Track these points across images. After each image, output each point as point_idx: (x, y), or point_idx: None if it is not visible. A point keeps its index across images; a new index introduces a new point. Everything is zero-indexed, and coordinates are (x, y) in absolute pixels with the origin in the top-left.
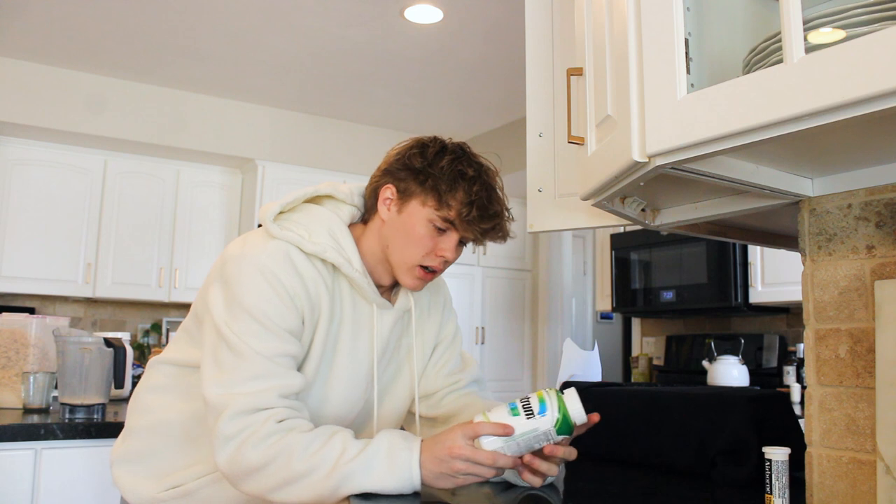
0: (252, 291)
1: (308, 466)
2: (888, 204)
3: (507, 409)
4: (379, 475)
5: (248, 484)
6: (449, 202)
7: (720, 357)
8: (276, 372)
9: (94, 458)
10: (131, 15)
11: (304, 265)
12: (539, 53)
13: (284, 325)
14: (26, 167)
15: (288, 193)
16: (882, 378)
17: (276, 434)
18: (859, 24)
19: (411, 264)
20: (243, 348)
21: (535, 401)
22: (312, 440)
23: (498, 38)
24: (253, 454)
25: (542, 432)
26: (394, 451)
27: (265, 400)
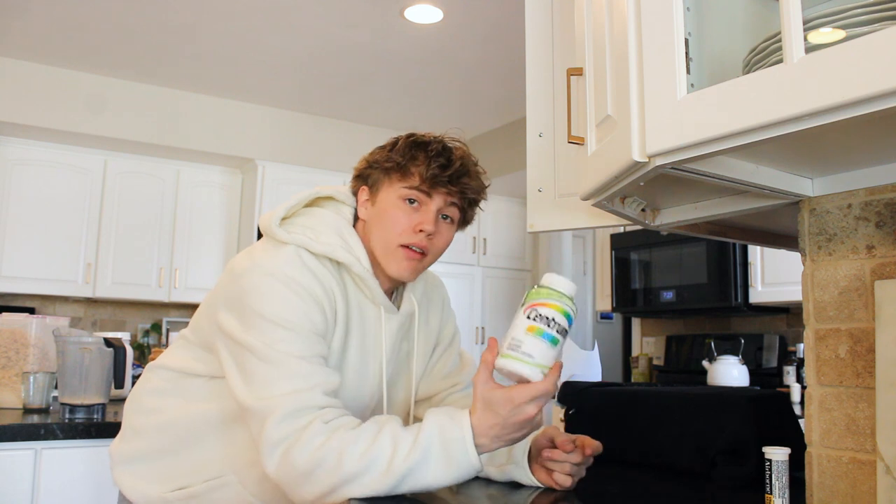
0: (272, 300)
1: (360, 467)
2: (888, 204)
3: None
4: (436, 472)
5: (302, 490)
6: (411, 170)
7: (720, 357)
8: (314, 371)
9: (94, 458)
10: (131, 15)
11: (317, 266)
12: (539, 53)
13: (311, 327)
14: (26, 167)
15: (288, 199)
16: (882, 378)
17: (322, 435)
18: (859, 24)
19: (393, 246)
20: (273, 355)
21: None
22: (360, 437)
23: (498, 38)
24: (301, 458)
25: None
26: (447, 443)
27: (310, 398)
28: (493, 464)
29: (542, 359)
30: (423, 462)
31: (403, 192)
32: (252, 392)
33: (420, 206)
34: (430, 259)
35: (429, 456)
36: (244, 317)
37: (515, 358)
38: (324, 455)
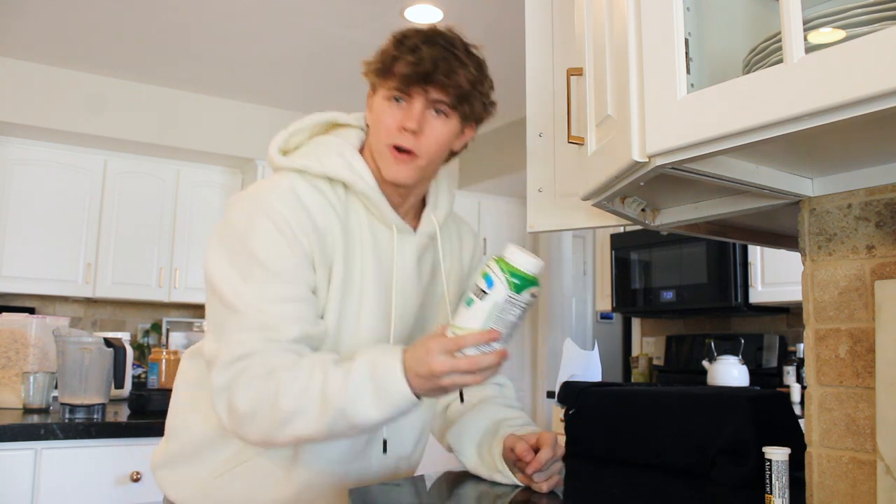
0: (253, 229)
1: (296, 405)
2: (888, 204)
3: (464, 306)
4: (370, 406)
5: (247, 431)
6: (392, 70)
7: (720, 357)
8: (267, 323)
9: (94, 458)
10: (131, 15)
11: (311, 197)
12: (539, 53)
13: (287, 263)
14: (26, 167)
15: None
16: (882, 378)
17: (260, 377)
18: (859, 24)
19: (382, 147)
20: (236, 302)
21: (481, 279)
22: (296, 377)
23: (498, 38)
24: (241, 401)
25: (504, 301)
26: (379, 381)
27: (251, 346)
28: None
29: (456, 319)
30: (357, 396)
31: (386, 92)
32: (211, 338)
33: (405, 105)
34: (424, 160)
35: (362, 389)
36: (226, 243)
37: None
38: (261, 397)
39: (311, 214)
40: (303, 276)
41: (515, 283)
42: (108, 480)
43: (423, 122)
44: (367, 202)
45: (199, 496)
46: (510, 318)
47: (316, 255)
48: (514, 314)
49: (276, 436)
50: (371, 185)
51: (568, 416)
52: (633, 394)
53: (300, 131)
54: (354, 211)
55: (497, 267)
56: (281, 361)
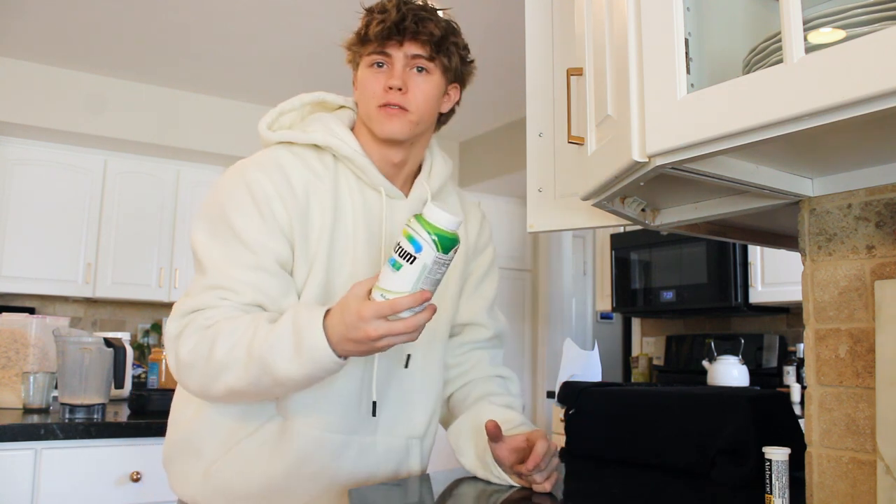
0: (231, 199)
1: (228, 358)
2: (888, 204)
3: (390, 268)
4: (290, 360)
5: (187, 381)
6: (368, 37)
7: (720, 357)
8: (225, 284)
9: (94, 458)
10: (131, 15)
11: (294, 165)
12: (539, 53)
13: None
14: (26, 167)
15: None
16: (882, 378)
17: (203, 329)
18: (859, 24)
19: (373, 111)
20: (206, 264)
21: (406, 242)
22: (233, 330)
23: (498, 38)
24: (183, 350)
25: (432, 263)
26: (299, 330)
27: (205, 301)
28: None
29: (383, 282)
30: (277, 348)
31: (368, 59)
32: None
33: (387, 67)
34: (415, 115)
35: (282, 341)
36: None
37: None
38: (200, 349)
39: (292, 182)
40: (271, 248)
41: (443, 245)
42: (108, 480)
43: (406, 80)
44: (353, 166)
45: (201, 488)
46: (437, 276)
47: (296, 225)
48: (441, 272)
49: (210, 387)
50: (355, 148)
51: (568, 416)
52: (633, 394)
53: (290, 111)
54: (344, 178)
55: (422, 229)
56: (226, 316)
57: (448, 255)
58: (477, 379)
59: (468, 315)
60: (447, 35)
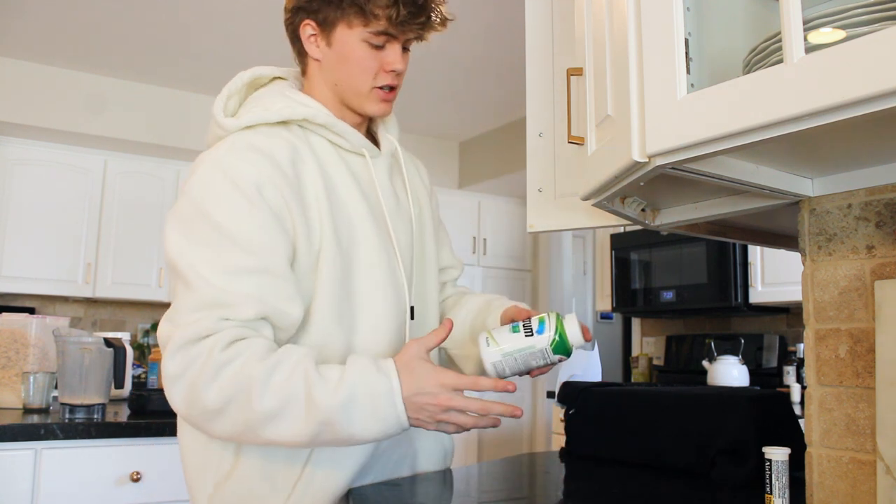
0: (209, 192)
1: (276, 406)
2: (888, 204)
3: (509, 328)
4: (362, 422)
5: (214, 428)
6: (375, 12)
7: (720, 357)
8: (221, 300)
9: (94, 458)
10: (131, 15)
11: (271, 143)
12: (539, 53)
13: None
14: (26, 167)
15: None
16: (882, 378)
17: (227, 366)
18: (859, 24)
19: (366, 90)
20: (189, 275)
21: (536, 321)
22: (271, 372)
23: (498, 38)
24: (208, 394)
25: (539, 350)
26: (376, 399)
27: (205, 327)
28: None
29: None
30: (349, 411)
31: (370, 37)
32: (166, 317)
33: (386, 46)
34: (398, 90)
35: (355, 404)
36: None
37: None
38: (233, 390)
39: (276, 160)
40: (267, 244)
41: (557, 346)
42: (108, 480)
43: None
44: (330, 133)
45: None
46: (532, 363)
47: (293, 205)
48: (537, 363)
49: (248, 436)
50: (329, 114)
51: (568, 416)
52: (633, 394)
53: (234, 94)
54: (319, 146)
55: (554, 323)
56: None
57: (555, 356)
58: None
59: (444, 258)
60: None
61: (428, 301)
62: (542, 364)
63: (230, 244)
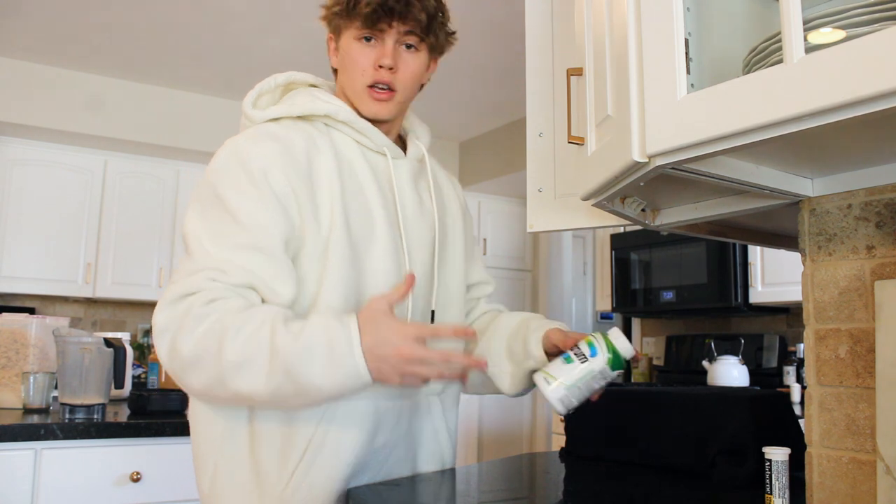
0: (224, 176)
1: (241, 357)
2: (888, 204)
3: (561, 360)
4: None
5: (191, 380)
6: (357, 10)
7: (720, 357)
8: (214, 266)
9: (94, 458)
10: (132, 15)
11: (288, 133)
12: (539, 53)
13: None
14: (26, 167)
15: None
16: (882, 378)
17: (206, 319)
18: (859, 24)
19: (360, 88)
20: (195, 247)
21: (585, 346)
22: (243, 325)
23: (498, 39)
24: (186, 345)
25: (598, 372)
26: (334, 347)
27: (195, 285)
28: (512, 360)
29: (551, 368)
30: (307, 359)
31: (355, 32)
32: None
33: (376, 43)
34: (401, 94)
35: (312, 352)
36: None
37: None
38: (206, 343)
39: (290, 148)
40: (267, 227)
41: (613, 361)
42: (108, 480)
43: (397, 58)
44: (353, 130)
45: None
46: (595, 386)
47: (301, 190)
48: (599, 384)
49: (217, 389)
50: (353, 112)
51: (568, 415)
52: (633, 394)
53: (265, 93)
54: (342, 143)
55: (603, 342)
56: (227, 304)
57: (612, 372)
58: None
59: (475, 275)
60: (436, 14)
61: (449, 305)
62: (603, 384)
63: (231, 221)
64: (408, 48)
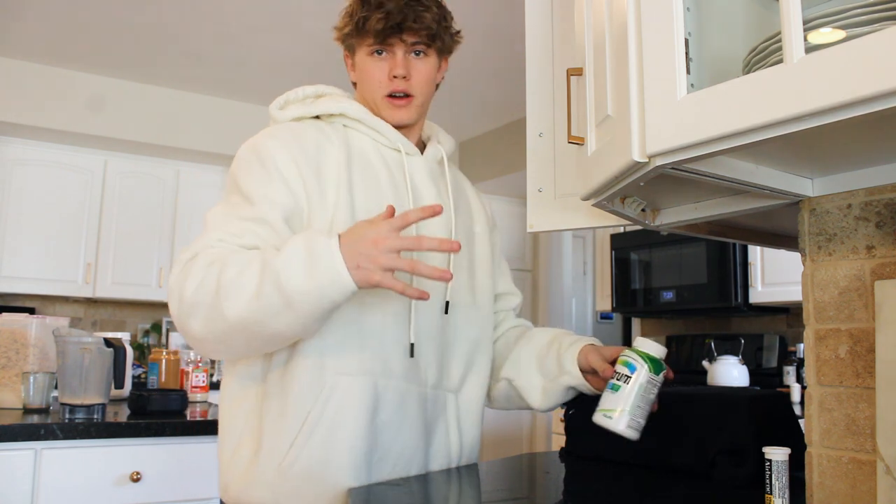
0: (241, 167)
1: (234, 283)
2: (888, 204)
3: (609, 392)
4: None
5: (191, 323)
6: (366, 27)
7: (720, 357)
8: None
9: (94, 458)
10: (131, 15)
11: (304, 129)
12: (539, 53)
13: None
14: (26, 167)
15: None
16: (882, 378)
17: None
18: (859, 24)
19: (379, 99)
20: (210, 222)
21: (622, 367)
22: (238, 258)
23: (498, 38)
24: (188, 288)
25: (646, 382)
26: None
27: (201, 245)
28: (544, 376)
29: (604, 404)
30: (287, 263)
31: (367, 49)
32: None
33: (387, 56)
34: (419, 97)
35: (294, 256)
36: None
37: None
38: (207, 281)
39: (301, 140)
40: (271, 198)
41: (654, 367)
42: (108, 480)
43: (408, 66)
44: (366, 128)
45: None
46: (650, 397)
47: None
48: (653, 393)
49: (215, 321)
50: (366, 111)
51: (568, 415)
52: None
53: (292, 102)
54: (358, 141)
55: (636, 355)
56: (231, 250)
57: (658, 376)
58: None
59: (502, 286)
60: (440, 22)
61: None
62: (656, 391)
63: (242, 199)
64: (417, 55)
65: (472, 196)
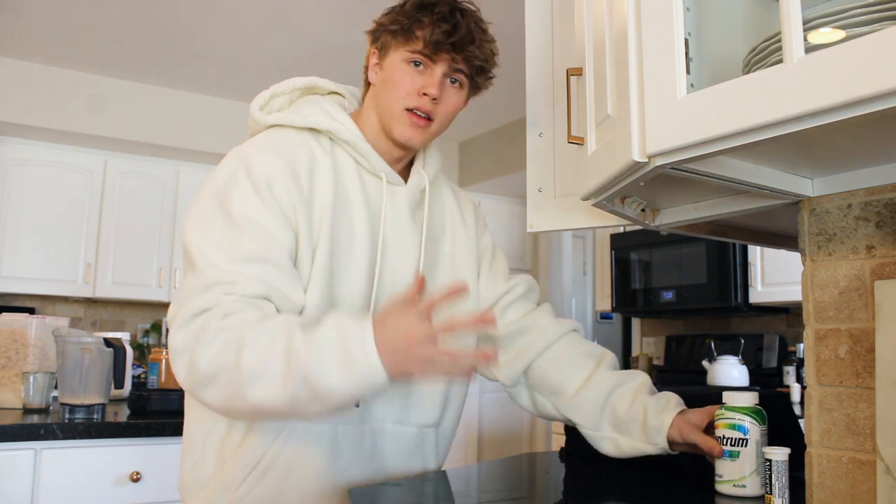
0: (230, 186)
1: (259, 366)
2: (888, 204)
3: (729, 462)
4: (334, 373)
5: (207, 395)
6: (416, 33)
7: (720, 357)
8: (228, 280)
9: (94, 458)
10: (131, 15)
11: (292, 146)
12: (539, 53)
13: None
14: (26, 167)
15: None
16: (882, 378)
17: (222, 332)
18: (859, 24)
19: (398, 110)
20: (199, 261)
21: (732, 431)
22: (260, 335)
23: (498, 38)
24: (202, 360)
25: (761, 437)
26: (346, 342)
27: (209, 301)
28: (621, 432)
29: (727, 473)
30: (320, 360)
31: (407, 55)
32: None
33: (425, 70)
34: (436, 126)
35: (325, 351)
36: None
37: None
38: (224, 357)
39: (294, 165)
40: (276, 238)
41: (761, 418)
42: (108, 480)
43: (441, 89)
44: (353, 151)
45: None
46: (764, 447)
47: (299, 209)
48: (764, 442)
49: (234, 402)
50: (356, 133)
51: None
52: None
53: (281, 94)
54: (343, 161)
55: (738, 413)
56: (244, 316)
57: (765, 425)
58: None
59: (491, 292)
60: (489, 59)
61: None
62: (766, 439)
63: (239, 233)
64: (453, 83)
65: (457, 213)
